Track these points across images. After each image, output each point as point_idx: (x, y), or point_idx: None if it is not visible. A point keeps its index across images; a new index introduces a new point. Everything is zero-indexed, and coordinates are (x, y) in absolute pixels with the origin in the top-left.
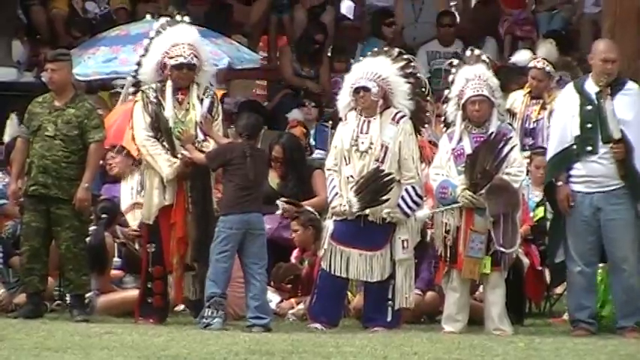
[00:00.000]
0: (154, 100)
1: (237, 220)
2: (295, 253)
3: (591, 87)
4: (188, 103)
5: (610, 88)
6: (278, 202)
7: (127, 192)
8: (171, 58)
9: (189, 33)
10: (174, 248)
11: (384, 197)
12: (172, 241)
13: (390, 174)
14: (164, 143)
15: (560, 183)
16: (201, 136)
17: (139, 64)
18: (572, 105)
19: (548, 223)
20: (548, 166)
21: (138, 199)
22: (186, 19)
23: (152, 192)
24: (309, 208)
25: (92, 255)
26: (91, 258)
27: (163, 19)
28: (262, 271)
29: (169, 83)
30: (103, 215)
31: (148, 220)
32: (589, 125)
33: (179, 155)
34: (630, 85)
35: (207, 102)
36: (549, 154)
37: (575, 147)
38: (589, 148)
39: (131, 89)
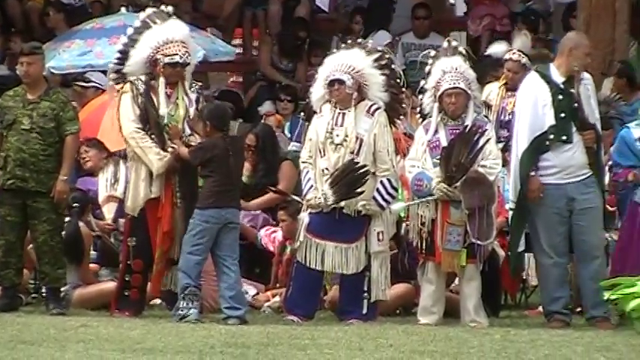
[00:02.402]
0: (144, 93)
1: (214, 215)
2: (280, 235)
3: (557, 76)
4: (177, 98)
5: (576, 75)
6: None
7: (102, 185)
8: (165, 55)
9: (180, 29)
10: (158, 242)
11: (359, 190)
12: (158, 234)
13: (364, 166)
14: (152, 136)
15: (532, 173)
16: (187, 131)
17: (123, 52)
18: (543, 95)
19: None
20: (523, 158)
21: (112, 191)
22: (170, 9)
23: (138, 184)
24: (297, 198)
25: (68, 245)
26: (67, 249)
27: (149, 10)
28: (235, 262)
29: (162, 80)
30: (75, 205)
31: (132, 213)
32: (563, 115)
33: (169, 149)
34: (586, 74)
35: (193, 97)
36: (522, 146)
37: (550, 136)
38: (564, 137)
39: (112, 75)
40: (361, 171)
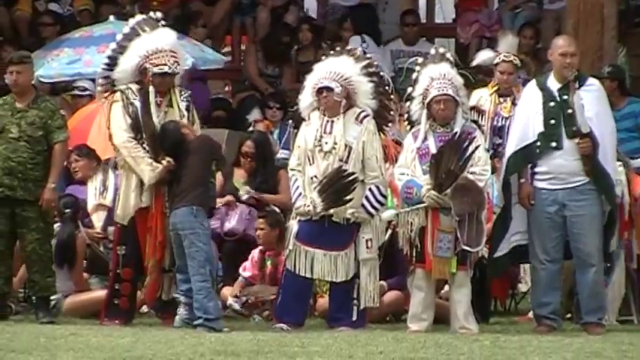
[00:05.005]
0: (135, 102)
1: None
2: (257, 253)
3: (553, 83)
4: (167, 106)
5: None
6: (242, 191)
7: (91, 193)
8: (155, 65)
9: (169, 37)
10: (150, 251)
11: (348, 197)
12: (149, 243)
13: (352, 173)
14: (144, 146)
15: (522, 180)
16: None
17: (112, 58)
18: (535, 102)
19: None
20: (508, 162)
21: (101, 200)
22: (159, 15)
23: (129, 193)
24: (276, 209)
25: (61, 249)
26: (60, 253)
27: (139, 17)
28: (197, 269)
29: (152, 89)
30: (67, 210)
31: (122, 221)
32: (552, 121)
33: (164, 162)
34: (591, 81)
35: (183, 105)
36: (509, 151)
37: (537, 144)
38: (553, 144)
39: (101, 81)
40: (349, 179)
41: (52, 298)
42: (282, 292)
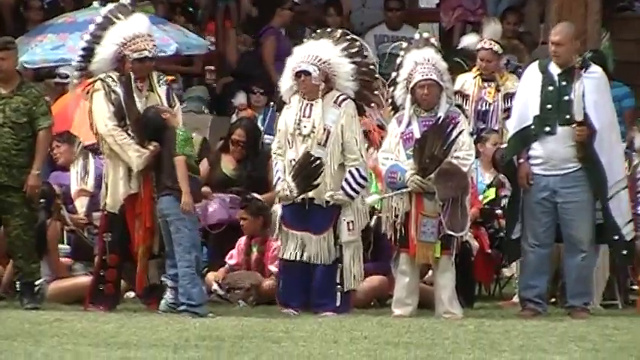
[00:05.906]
0: (116, 90)
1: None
2: (243, 240)
3: (554, 68)
4: (148, 91)
5: (574, 69)
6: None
7: (73, 178)
8: (134, 51)
9: (144, 22)
10: (140, 237)
11: (316, 182)
12: (138, 230)
13: (318, 158)
14: (129, 132)
15: (521, 160)
16: None
17: (87, 50)
18: (535, 84)
19: (502, 203)
20: (509, 144)
21: (82, 185)
22: (128, 0)
23: (117, 181)
24: (257, 196)
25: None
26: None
27: (111, 5)
28: (183, 255)
29: (132, 76)
30: (41, 200)
31: (112, 210)
32: (549, 106)
33: (150, 147)
34: (594, 68)
35: (164, 89)
36: (510, 132)
37: (533, 127)
38: (547, 129)
39: (76, 74)
40: (315, 164)
41: (35, 283)
42: (282, 278)
